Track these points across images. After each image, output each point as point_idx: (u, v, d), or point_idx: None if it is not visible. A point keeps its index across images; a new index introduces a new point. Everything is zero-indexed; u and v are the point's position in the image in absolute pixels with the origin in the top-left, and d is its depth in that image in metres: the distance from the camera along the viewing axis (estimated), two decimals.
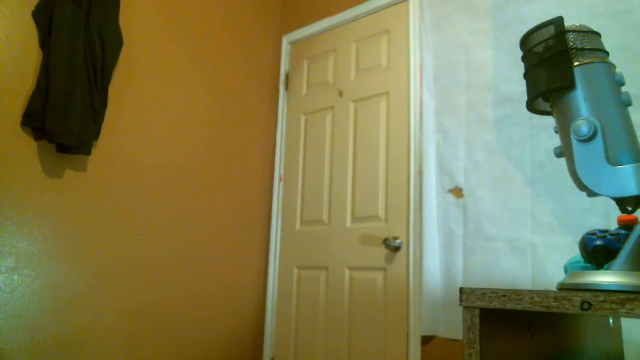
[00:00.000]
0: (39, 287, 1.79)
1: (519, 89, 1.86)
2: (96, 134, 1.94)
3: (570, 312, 0.76)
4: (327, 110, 2.59)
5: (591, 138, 0.90)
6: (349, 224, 2.36)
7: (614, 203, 0.93)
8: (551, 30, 0.98)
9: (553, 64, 0.97)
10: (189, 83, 2.40)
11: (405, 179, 2.17)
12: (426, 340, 1.98)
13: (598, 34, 0.99)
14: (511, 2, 1.95)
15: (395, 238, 2.14)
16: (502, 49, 1.95)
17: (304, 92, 2.74)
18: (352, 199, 2.37)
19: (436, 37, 2.18)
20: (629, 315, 0.71)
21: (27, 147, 1.80)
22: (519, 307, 0.81)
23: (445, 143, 2.06)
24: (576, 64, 0.94)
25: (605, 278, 0.82)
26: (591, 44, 0.96)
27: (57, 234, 1.86)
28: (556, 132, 1.02)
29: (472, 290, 0.87)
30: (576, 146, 0.92)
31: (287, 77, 2.85)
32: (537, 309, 0.79)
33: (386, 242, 2.15)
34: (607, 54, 0.97)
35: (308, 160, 2.62)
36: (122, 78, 2.09)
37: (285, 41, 2.90)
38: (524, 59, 1.06)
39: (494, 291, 0.85)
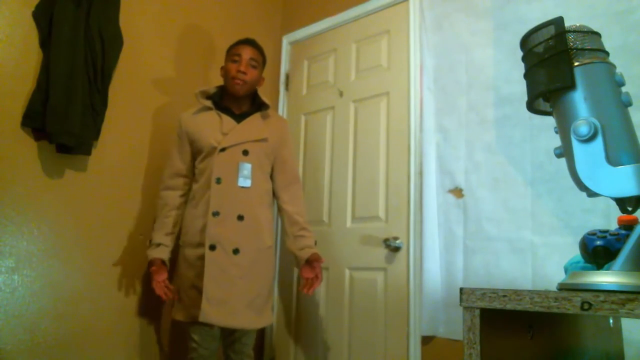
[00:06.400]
0: (39, 287, 1.79)
1: (519, 89, 1.86)
2: (96, 134, 1.94)
3: (570, 312, 0.76)
4: (327, 110, 2.59)
5: (591, 138, 0.90)
6: (349, 224, 2.36)
7: (614, 203, 0.93)
8: (551, 30, 0.98)
9: (553, 64, 0.97)
10: (189, 83, 2.40)
11: (405, 179, 2.17)
12: (426, 340, 1.98)
13: (598, 34, 0.99)
14: (511, 2, 1.95)
15: (395, 238, 2.14)
16: (502, 49, 1.95)
17: (304, 92, 2.74)
18: (352, 199, 2.37)
19: (436, 37, 2.18)
20: (629, 315, 0.71)
21: (27, 147, 1.80)
22: (519, 307, 0.81)
23: (445, 143, 2.06)
24: (576, 64, 0.94)
25: (605, 278, 0.82)
26: (591, 44, 0.96)
27: (57, 234, 1.86)
28: (556, 132, 1.02)
29: (472, 290, 0.87)
30: (576, 146, 0.92)
31: (287, 77, 2.85)
32: (537, 309, 0.79)
33: (386, 242, 2.15)
34: (607, 54, 0.97)
35: (308, 160, 2.62)
36: (122, 78, 2.09)
37: (285, 41, 2.90)
38: (524, 59, 1.06)
39: (494, 291, 0.85)
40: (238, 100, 1.99)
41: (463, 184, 1.97)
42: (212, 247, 1.80)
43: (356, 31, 2.55)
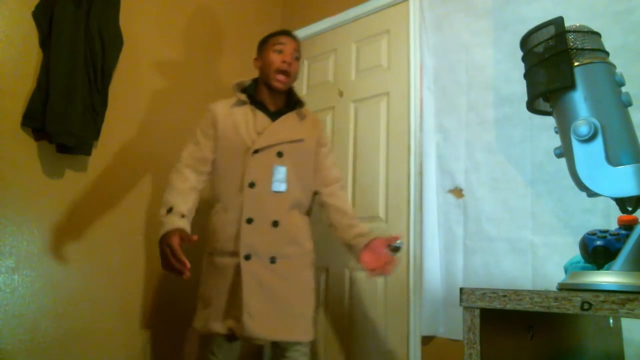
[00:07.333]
0: (39, 287, 1.79)
1: (519, 89, 1.85)
2: (96, 134, 1.94)
3: (570, 312, 0.76)
4: (327, 110, 2.59)
5: (591, 138, 0.90)
6: None
7: (614, 203, 0.93)
8: (551, 30, 0.98)
9: (553, 64, 0.97)
10: (189, 83, 2.40)
11: (405, 179, 2.17)
12: (426, 340, 1.98)
13: (598, 34, 0.99)
14: (511, 2, 1.95)
15: (395, 238, 2.13)
16: (502, 49, 1.95)
17: (304, 92, 2.74)
18: (352, 199, 2.37)
19: (436, 37, 2.18)
20: (629, 315, 0.71)
21: (27, 147, 1.80)
22: (519, 307, 0.81)
23: (445, 143, 2.06)
24: (576, 64, 0.94)
25: (605, 278, 0.82)
26: (591, 44, 0.96)
27: (57, 234, 1.86)
28: (556, 132, 1.02)
29: (472, 290, 0.87)
30: (576, 146, 0.92)
31: None
32: (537, 309, 0.79)
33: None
34: (607, 54, 0.97)
35: None
36: (122, 78, 2.09)
37: None
38: (524, 59, 1.06)
39: (494, 291, 0.85)
40: (274, 96, 1.84)
41: (463, 184, 1.97)
42: (247, 257, 1.66)
43: (356, 31, 2.55)
